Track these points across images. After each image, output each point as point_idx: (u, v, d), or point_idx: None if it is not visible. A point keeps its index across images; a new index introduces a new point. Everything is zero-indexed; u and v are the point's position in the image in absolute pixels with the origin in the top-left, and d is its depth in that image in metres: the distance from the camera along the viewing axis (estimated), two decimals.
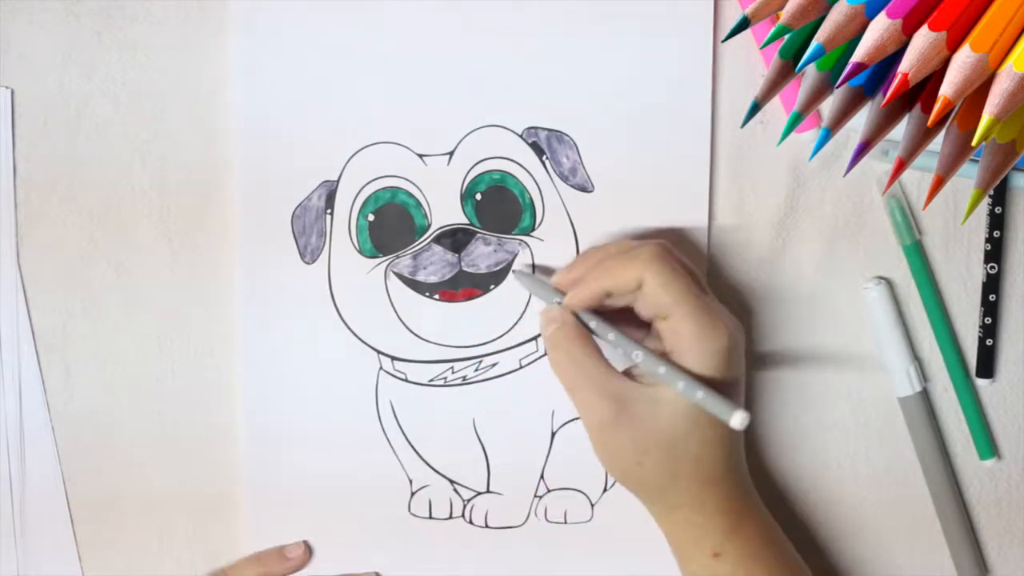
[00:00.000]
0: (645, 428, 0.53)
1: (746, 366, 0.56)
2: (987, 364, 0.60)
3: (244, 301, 0.59)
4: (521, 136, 0.59)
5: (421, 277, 0.59)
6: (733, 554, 0.54)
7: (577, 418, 0.59)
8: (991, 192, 0.56)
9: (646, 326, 0.55)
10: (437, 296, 0.59)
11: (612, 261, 0.54)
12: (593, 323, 0.54)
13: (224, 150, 0.58)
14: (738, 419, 0.50)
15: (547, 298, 0.56)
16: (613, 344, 0.54)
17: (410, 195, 0.59)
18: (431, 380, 0.60)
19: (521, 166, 0.59)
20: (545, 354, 0.57)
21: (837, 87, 0.44)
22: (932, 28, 0.41)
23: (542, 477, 0.60)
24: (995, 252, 0.59)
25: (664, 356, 0.53)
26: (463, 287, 0.59)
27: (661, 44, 0.58)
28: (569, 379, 0.54)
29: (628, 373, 0.54)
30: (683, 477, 0.53)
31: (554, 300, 0.56)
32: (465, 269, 0.59)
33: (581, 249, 0.59)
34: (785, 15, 0.44)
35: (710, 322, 0.52)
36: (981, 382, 0.60)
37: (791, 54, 0.48)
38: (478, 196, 0.59)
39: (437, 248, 0.59)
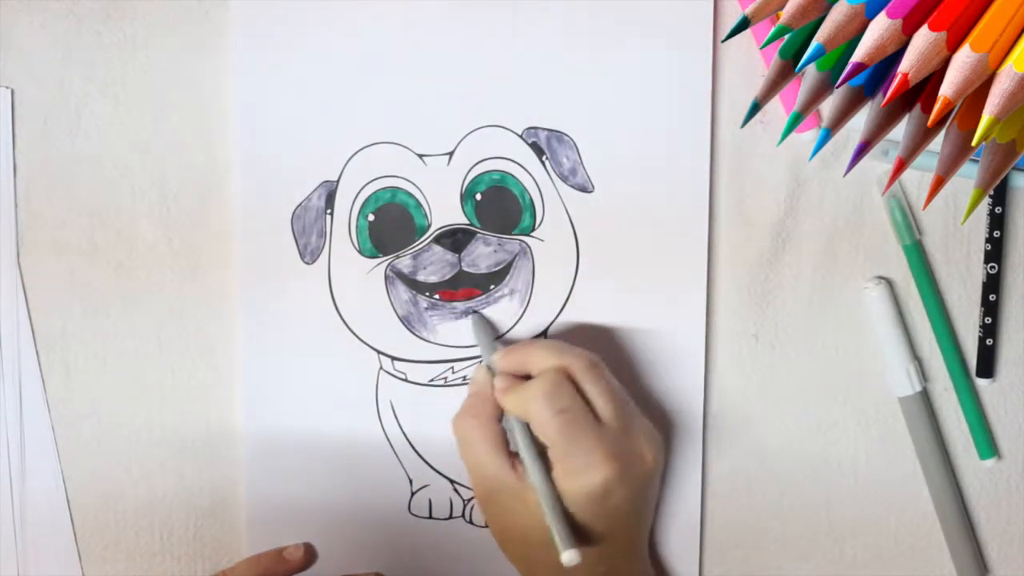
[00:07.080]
0: (505, 517, 0.55)
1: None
2: (987, 364, 0.60)
3: (244, 301, 0.59)
4: (521, 136, 0.59)
5: (421, 277, 0.59)
6: None
7: None
8: (991, 192, 0.56)
9: None
10: (437, 296, 0.59)
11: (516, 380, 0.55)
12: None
13: (224, 150, 0.58)
14: (567, 557, 0.50)
15: (485, 354, 0.57)
16: (511, 432, 0.54)
17: (410, 195, 0.58)
18: (431, 380, 0.60)
19: (521, 166, 0.59)
20: None
21: (837, 87, 0.44)
22: (932, 28, 0.41)
23: None
24: (995, 252, 0.59)
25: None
26: (463, 287, 0.59)
27: (661, 44, 0.58)
28: (462, 444, 0.55)
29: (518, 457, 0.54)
30: (539, 569, 0.54)
31: (490, 359, 0.56)
32: (465, 269, 0.59)
33: (582, 250, 0.59)
34: (785, 15, 0.44)
35: (582, 466, 0.52)
36: (981, 382, 0.60)
37: (791, 54, 0.48)
38: (478, 196, 0.59)
39: (437, 248, 0.59)
